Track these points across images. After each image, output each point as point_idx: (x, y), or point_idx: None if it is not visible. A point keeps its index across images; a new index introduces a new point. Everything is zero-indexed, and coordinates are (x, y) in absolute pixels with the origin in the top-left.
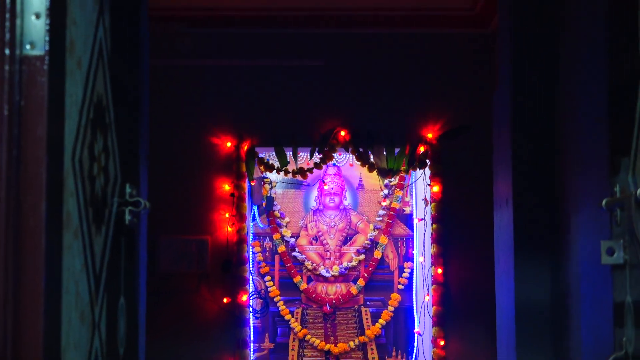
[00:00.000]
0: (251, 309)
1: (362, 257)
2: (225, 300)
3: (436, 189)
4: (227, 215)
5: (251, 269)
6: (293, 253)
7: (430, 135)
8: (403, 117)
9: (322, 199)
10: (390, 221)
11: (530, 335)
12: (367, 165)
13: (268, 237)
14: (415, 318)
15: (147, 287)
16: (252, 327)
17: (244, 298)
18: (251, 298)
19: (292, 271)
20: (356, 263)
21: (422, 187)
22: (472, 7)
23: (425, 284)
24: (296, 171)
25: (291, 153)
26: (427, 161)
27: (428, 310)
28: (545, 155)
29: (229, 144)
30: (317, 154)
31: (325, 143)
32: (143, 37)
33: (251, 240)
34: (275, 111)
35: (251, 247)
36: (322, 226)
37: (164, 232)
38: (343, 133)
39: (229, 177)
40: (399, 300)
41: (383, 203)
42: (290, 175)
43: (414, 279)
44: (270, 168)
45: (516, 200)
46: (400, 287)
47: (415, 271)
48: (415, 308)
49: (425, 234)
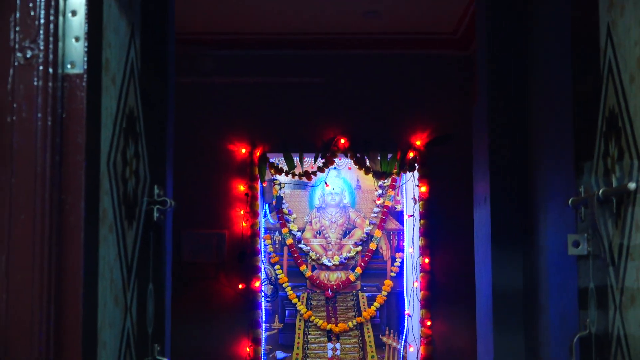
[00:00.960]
0: (263, 294)
1: (359, 249)
2: (240, 286)
3: (424, 189)
4: (242, 212)
5: (263, 259)
6: (299, 245)
7: (418, 142)
8: (395, 127)
9: (325, 198)
10: (383, 217)
11: (505, 316)
12: (364, 168)
13: (277, 231)
14: (405, 301)
15: (172, 275)
16: (264, 310)
17: (257, 284)
18: (263, 284)
19: (299, 261)
20: (354, 253)
21: (412, 188)
22: (455, 32)
23: (414, 272)
24: (302, 174)
25: (298, 158)
26: (416, 165)
27: (416, 294)
28: (518, 159)
29: (244, 150)
30: (320, 159)
31: (327, 149)
32: (169, 57)
33: (263, 234)
34: (283, 122)
35: (263, 240)
36: (325, 221)
37: (187, 227)
38: (343, 141)
39: (244, 179)
40: (391, 286)
41: (377, 201)
42: (297, 177)
43: (404, 268)
44: (279, 171)
45: (493, 198)
46: (392, 275)
47: (405, 261)
48: (405, 293)
49: (414, 228)
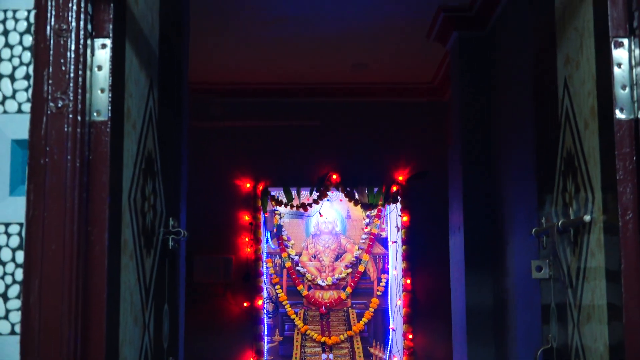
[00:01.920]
0: (265, 311)
1: (350, 270)
2: (245, 304)
3: (405, 219)
4: (247, 239)
5: (265, 280)
6: (297, 267)
7: (400, 178)
8: (380, 164)
9: (319, 226)
10: (371, 243)
11: (477, 330)
12: (353, 200)
13: (278, 256)
14: (390, 317)
15: (185, 294)
16: (266, 325)
17: (260, 302)
18: (265, 302)
19: (296, 281)
20: (345, 275)
21: (395, 217)
22: (432, 82)
23: (397, 291)
24: (299, 205)
25: (295, 192)
26: (399, 197)
27: (400, 311)
28: (488, 192)
29: (248, 185)
30: (315, 192)
31: (321, 184)
32: (184, 105)
33: (265, 257)
34: (283, 160)
35: (265, 263)
36: (319, 247)
37: (199, 252)
38: (335, 176)
39: (248, 210)
40: (378, 303)
41: (365, 229)
42: (295, 208)
43: (389, 287)
44: (279, 203)
45: (466, 227)
46: (378, 294)
47: (389, 281)
48: (390, 309)
49: (397, 253)
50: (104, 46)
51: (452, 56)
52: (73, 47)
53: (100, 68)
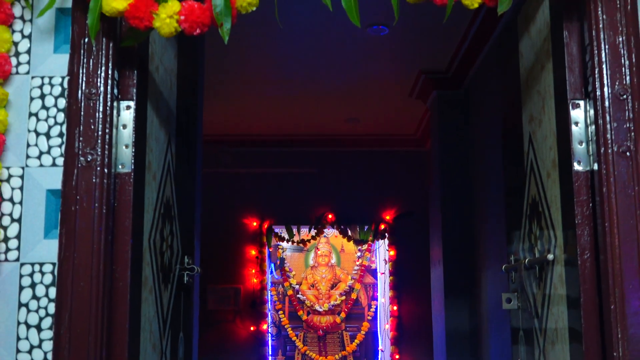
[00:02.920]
0: (269, 334)
1: (344, 298)
2: (252, 328)
3: (392, 253)
4: (253, 270)
5: (269, 307)
6: (297, 295)
7: (388, 217)
8: (370, 205)
9: (317, 259)
10: (362, 273)
11: (456, 351)
12: (347, 237)
13: (281, 285)
14: (379, 339)
15: (200, 320)
16: (270, 346)
17: (265, 326)
18: (269, 326)
19: (297, 307)
20: (339, 302)
21: (383, 251)
22: (415, 134)
23: (385, 316)
24: (299, 241)
25: (296, 229)
26: (386, 234)
27: (387, 334)
28: (464, 231)
29: (255, 223)
30: (313, 230)
31: (318, 222)
32: (197, 156)
33: (269, 287)
34: (285, 201)
35: (269, 292)
36: (317, 277)
37: (211, 282)
38: (330, 216)
39: (255, 245)
40: (368, 327)
41: (357, 262)
42: (295, 243)
43: (378, 313)
44: (282, 239)
45: (445, 261)
46: (369, 318)
47: (378, 307)
48: (379, 332)
49: (385, 283)
50: (129, 107)
51: (432, 112)
52: (101, 109)
53: (125, 127)
